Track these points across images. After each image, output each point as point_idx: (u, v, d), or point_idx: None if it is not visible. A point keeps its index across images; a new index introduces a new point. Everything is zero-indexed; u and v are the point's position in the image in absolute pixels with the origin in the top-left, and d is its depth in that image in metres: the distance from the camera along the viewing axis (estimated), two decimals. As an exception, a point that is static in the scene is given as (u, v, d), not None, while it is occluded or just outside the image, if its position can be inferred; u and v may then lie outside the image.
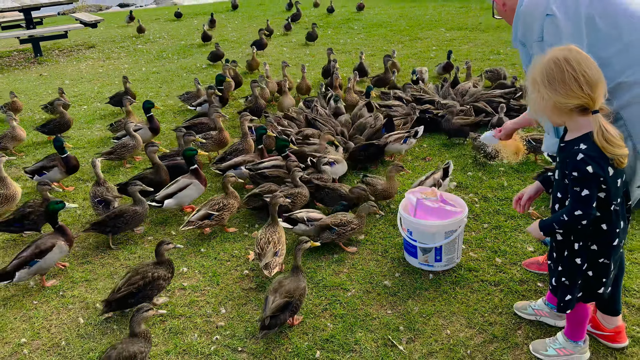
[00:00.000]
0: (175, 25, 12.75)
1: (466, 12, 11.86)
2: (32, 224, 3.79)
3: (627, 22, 2.15)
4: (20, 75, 9.03)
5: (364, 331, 2.84)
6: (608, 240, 2.13)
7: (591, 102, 1.91)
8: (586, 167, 1.93)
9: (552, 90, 1.93)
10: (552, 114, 2.02)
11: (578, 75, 1.89)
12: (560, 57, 1.93)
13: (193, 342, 2.82)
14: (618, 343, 2.59)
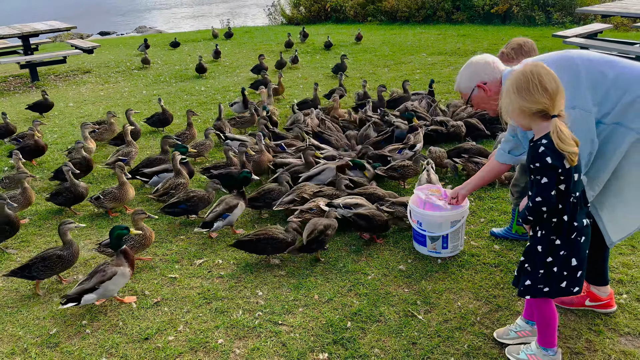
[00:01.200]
0: (167, 52, 13.20)
1: (444, 38, 12.65)
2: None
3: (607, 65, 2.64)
4: (22, 99, 9.32)
5: (386, 305, 3.28)
6: (570, 233, 2.43)
7: (550, 108, 2.28)
8: (545, 157, 2.29)
9: (519, 97, 2.32)
10: (519, 117, 2.39)
11: (540, 86, 2.27)
12: (528, 71, 2.31)
13: (238, 318, 3.21)
14: (611, 308, 3.07)
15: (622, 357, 2.79)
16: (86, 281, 3.25)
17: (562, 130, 2.25)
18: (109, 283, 3.23)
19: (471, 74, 3.05)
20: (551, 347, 2.66)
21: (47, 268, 3.49)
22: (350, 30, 15.04)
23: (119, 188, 4.62)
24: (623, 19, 12.95)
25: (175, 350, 2.98)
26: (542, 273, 2.52)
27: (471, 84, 3.04)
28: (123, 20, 30.84)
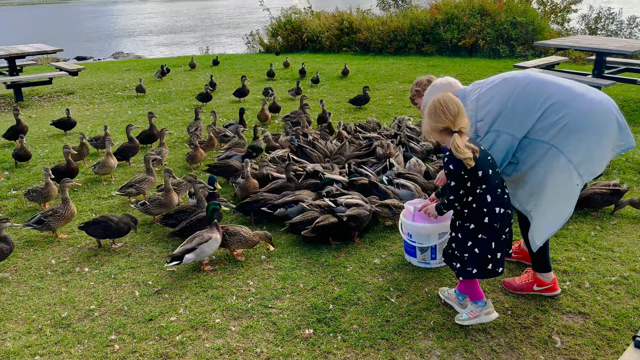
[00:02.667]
0: (148, 75, 13.61)
1: (414, 68, 13.42)
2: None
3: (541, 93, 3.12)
4: (7, 118, 9.58)
5: (363, 292, 3.72)
6: (480, 218, 2.97)
7: (451, 125, 2.88)
8: (449, 165, 2.90)
9: (431, 119, 2.95)
10: (433, 135, 3.01)
11: (443, 109, 2.88)
12: (437, 99, 2.94)
13: (232, 303, 3.61)
14: (556, 291, 3.56)
15: (564, 330, 3.28)
16: (187, 243, 3.88)
17: (457, 143, 2.82)
18: (205, 246, 3.88)
19: (433, 93, 3.54)
20: (481, 298, 3.26)
21: None
22: (326, 59, 15.76)
23: (165, 194, 4.78)
24: (580, 52, 14.01)
25: (178, 328, 3.36)
26: (466, 257, 3.08)
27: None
28: (97, 46, 31.16)
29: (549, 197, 3.15)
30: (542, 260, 3.53)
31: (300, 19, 19.15)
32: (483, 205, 2.98)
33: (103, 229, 4.29)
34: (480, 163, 2.93)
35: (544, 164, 3.12)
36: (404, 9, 19.49)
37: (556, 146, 3.07)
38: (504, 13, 15.38)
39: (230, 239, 4.10)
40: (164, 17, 60.35)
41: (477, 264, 3.07)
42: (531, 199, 3.24)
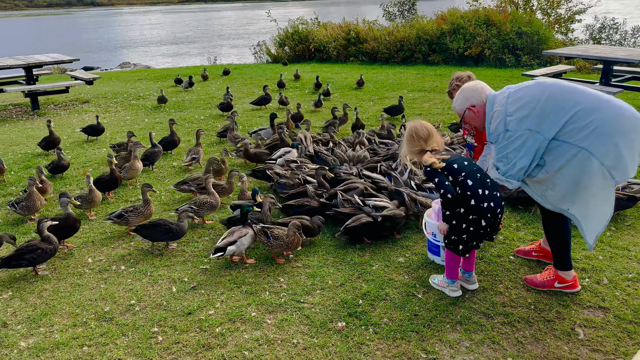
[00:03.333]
0: (160, 85, 13.85)
1: (422, 77, 13.65)
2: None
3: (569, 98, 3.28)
4: (27, 125, 9.80)
5: (390, 288, 3.88)
6: (467, 200, 3.39)
7: (424, 146, 3.49)
8: (426, 169, 3.47)
9: (407, 144, 3.56)
10: (413, 156, 3.57)
11: (414, 135, 3.51)
12: (410, 127, 3.56)
13: (266, 298, 3.77)
14: (576, 288, 3.72)
15: (586, 323, 3.43)
16: (228, 237, 4.20)
17: (426, 158, 3.46)
18: (244, 239, 4.19)
19: (463, 98, 3.70)
20: (455, 279, 3.74)
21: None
22: (333, 68, 16.01)
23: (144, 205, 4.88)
24: (585, 62, 14.24)
25: (216, 321, 3.52)
26: (465, 237, 3.49)
27: (463, 107, 3.71)
28: (103, 56, 31.56)
29: (588, 199, 3.26)
30: (564, 258, 3.68)
31: (307, 29, 19.45)
32: (467, 189, 3.40)
33: (163, 231, 4.42)
34: (450, 160, 3.46)
35: (575, 166, 3.22)
36: (410, 19, 19.81)
37: (587, 149, 3.18)
38: (509, 23, 15.63)
39: (274, 243, 4.24)
40: (168, 27, 61.01)
41: (476, 237, 3.52)
42: (566, 200, 3.33)
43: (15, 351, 3.31)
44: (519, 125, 3.32)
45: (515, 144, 3.33)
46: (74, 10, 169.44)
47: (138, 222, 4.75)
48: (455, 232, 3.51)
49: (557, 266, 3.73)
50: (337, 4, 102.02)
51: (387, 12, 21.49)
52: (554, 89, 3.35)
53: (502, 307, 3.61)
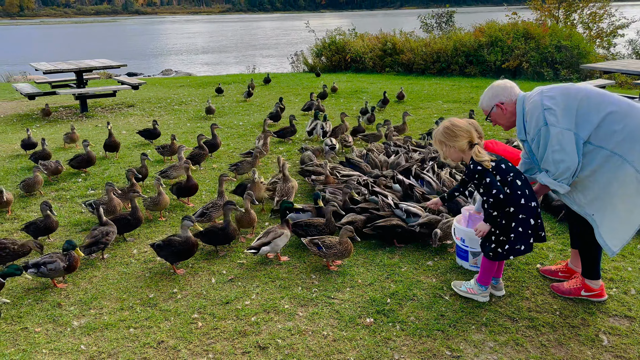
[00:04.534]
0: (201, 92, 14.34)
1: (458, 89, 13.70)
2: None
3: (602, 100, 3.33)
4: (77, 126, 10.35)
5: (418, 289, 4.03)
6: (517, 200, 3.41)
7: (472, 138, 3.44)
8: (477, 167, 3.42)
9: (453, 141, 3.46)
10: (458, 154, 3.51)
11: (459, 129, 3.44)
12: (448, 124, 3.49)
13: (299, 292, 3.98)
14: (603, 297, 3.77)
15: (611, 330, 3.50)
16: (263, 237, 4.35)
17: (480, 150, 3.44)
18: (278, 240, 4.34)
19: (492, 95, 3.71)
20: (487, 285, 3.78)
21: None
22: (369, 79, 16.21)
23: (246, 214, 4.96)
24: (627, 77, 14.00)
25: (252, 311, 3.74)
26: (513, 237, 3.48)
27: (491, 104, 3.72)
28: (145, 63, 32.63)
29: (617, 206, 3.31)
30: (593, 267, 3.69)
31: (344, 40, 19.72)
32: (516, 188, 3.43)
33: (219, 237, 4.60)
34: (498, 160, 3.47)
35: (607, 171, 3.28)
36: (447, 31, 19.85)
37: (620, 154, 3.22)
38: (548, 37, 15.53)
39: (328, 252, 4.26)
40: (208, 37, 62.54)
41: (523, 240, 3.50)
42: (594, 204, 3.38)
43: (68, 329, 3.61)
44: (557, 120, 3.30)
45: (556, 145, 3.29)
46: (119, 18, 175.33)
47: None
48: (504, 232, 3.49)
49: (585, 275, 3.77)
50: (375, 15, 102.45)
51: (424, 24, 21.60)
52: (588, 91, 3.39)
53: (527, 311, 3.71)
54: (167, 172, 6.33)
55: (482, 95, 3.83)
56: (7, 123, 10.87)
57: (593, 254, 3.68)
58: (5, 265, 4.11)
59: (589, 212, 3.43)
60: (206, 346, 3.39)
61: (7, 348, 3.42)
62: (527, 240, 3.52)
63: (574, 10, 18.41)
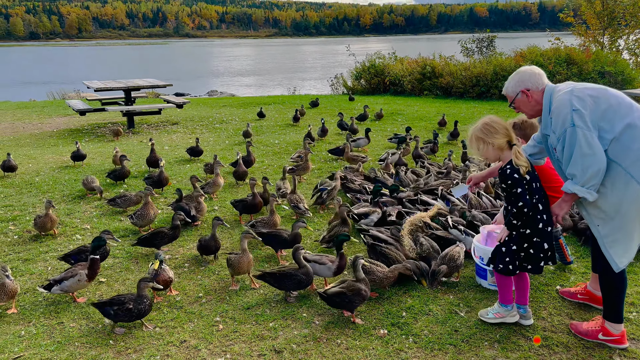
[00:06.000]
0: (242, 111, 14.83)
1: (496, 112, 13.63)
2: None
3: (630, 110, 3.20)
4: (123, 141, 10.92)
5: (434, 304, 4.10)
6: (535, 224, 3.38)
7: (511, 138, 3.37)
8: (513, 174, 3.33)
9: (493, 138, 3.36)
10: (496, 152, 3.41)
11: (500, 126, 3.36)
12: (488, 121, 3.41)
13: (316, 302, 4.12)
14: (623, 344, 3.46)
15: (625, 353, 3.47)
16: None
17: (520, 152, 3.35)
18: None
19: (518, 80, 3.52)
20: (509, 303, 3.71)
21: None
22: (407, 101, 16.35)
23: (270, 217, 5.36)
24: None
25: (271, 317, 3.91)
26: (523, 255, 3.50)
27: (517, 89, 3.52)
28: (192, 84, 33.84)
29: (625, 225, 3.23)
30: (614, 307, 3.44)
31: (383, 63, 19.99)
32: (536, 213, 3.40)
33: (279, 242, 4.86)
34: (532, 175, 3.39)
35: (618, 190, 3.19)
36: (487, 56, 19.80)
37: (631, 173, 3.12)
38: (591, 63, 15.30)
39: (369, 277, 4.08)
40: (254, 59, 64.26)
41: (532, 262, 3.50)
42: (600, 216, 3.30)
43: (100, 325, 3.87)
44: (585, 123, 3.16)
45: (586, 148, 3.14)
46: (170, 40, 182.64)
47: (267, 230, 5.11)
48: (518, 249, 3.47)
49: (606, 315, 3.51)
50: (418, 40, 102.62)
51: (465, 48, 21.62)
52: (620, 98, 3.26)
53: (542, 331, 3.72)
54: (204, 188, 6.64)
55: (507, 81, 3.64)
56: (59, 137, 11.59)
57: (615, 293, 3.43)
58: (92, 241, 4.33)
59: (595, 222, 3.34)
60: (225, 347, 3.58)
61: (43, 339, 3.71)
62: (537, 262, 3.49)
63: (619, 36, 18.09)
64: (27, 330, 3.81)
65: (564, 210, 3.47)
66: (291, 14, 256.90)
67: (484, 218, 5.31)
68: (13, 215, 6.28)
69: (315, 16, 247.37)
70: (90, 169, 8.51)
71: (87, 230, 5.75)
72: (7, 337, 3.75)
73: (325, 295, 3.86)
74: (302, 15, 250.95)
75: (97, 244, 4.23)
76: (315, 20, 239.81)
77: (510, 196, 3.41)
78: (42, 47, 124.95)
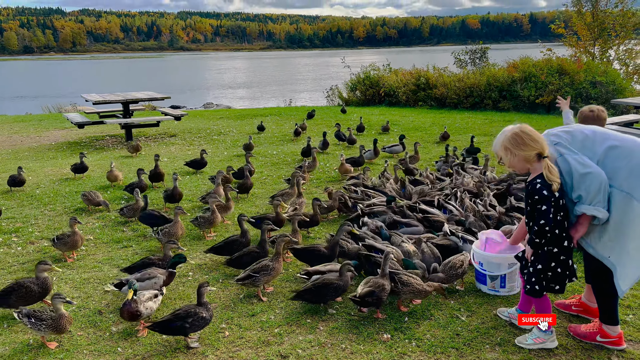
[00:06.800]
0: (239, 123, 14.95)
1: (490, 123, 13.81)
2: None
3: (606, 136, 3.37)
4: (121, 153, 10.99)
5: (436, 309, 4.18)
6: (561, 241, 3.34)
7: (542, 150, 3.25)
8: (542, 191, 3.22)
9: (520, 149, 3.27)
10: (524, 164, 3.32)
11: (530, 137, 3.24)
12: (517, 130, 3.29)
13: (320, 309, 4.18)
14: (620, 345, 3.57)
15: (623, 354, 3.56)
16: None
17: (552, 167, 3.24)
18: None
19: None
20: (548, 329, 3.59)
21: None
22: (402, 112, 16.52)
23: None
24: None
25: (276, 323, 3.98)
26: (550, 275, 3.44)
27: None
28: (186, 97, 34.03)
29: (627, 244, 3.27)
30: (610, 311, 3.54)
31: (378, 75, 20.22)
32: (563, 230, 3.35)
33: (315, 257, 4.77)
34: (561, 191, 3.28)
35: (617, 210, 3.25)
36: (480, 67, 20.07)
37: (627, 191, 3.21)
38: (583, 73, 15.55)
39: (402, 289, 4.12)
40: (249, 72, 64.58)
41: (559, 281, 3.44)
42: (608, 245, 3.35)
43: (107, 333, 3.93)
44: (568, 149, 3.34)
45: (579, 166, 3.25)
46: (165, 54, 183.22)
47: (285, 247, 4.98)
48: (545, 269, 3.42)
49: (603, 319, 3.61)
50: (411, 52, 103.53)
51: (458, 59, 21.91)
52: (593, 128, 3.47)
53: (541, 333, 3.81)
54: (205, 198, 6.72)
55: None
56: (57, 149, 11.65)
57: (609, 298, 3.52)
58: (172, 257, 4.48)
59: (604, 254, 3.37)
60: (232, 353, 3.64)
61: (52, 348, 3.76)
62: (563, 281, 3.46)
63: (609, 46, 18.39)
64: (36, 339, 3.86)
65: (579, 233, 3.43)
66: (285, 27, 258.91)
67: (479, 226, 5.44)
68: (16, 227, 6.33)
69: (309, 29, 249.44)
70: (91, 181, 8.57)
71: (91, 242, 5.81)
72: (16, 345, 3.80)
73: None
74: (296, 28, 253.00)
75: (176, 260, 4.42)
76: (309, 33, 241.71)
77: (534, 212, 3.33)
78: (36, 61, 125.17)
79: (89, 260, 5.30)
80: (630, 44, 18.18)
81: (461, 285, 4.58)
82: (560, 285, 3.46)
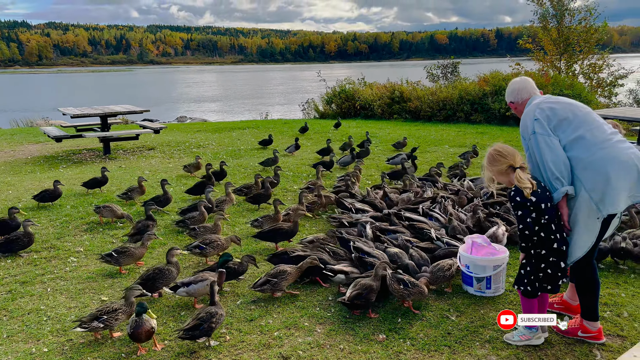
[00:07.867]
0: (217, 136, 15.02)
1: (463, 134, 14.26)
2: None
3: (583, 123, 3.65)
4: (99, 167, 10.92)
5: (426, 311, 4.38)
6: (550, 244, 3.53)
7: (513, 163, 3.54)
8: (516, 197, 3.53)
9: (493, 165, 3.63)
10: (501, 177, 3.63)
11: (500, 154, 3.57)
12: (491, 150, 3.65)
13: (316, 312, 4.34)
14: (600, 340, 3.84)
15: (604, 347, 3.81)
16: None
17: (520, 175, 3.53)
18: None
19: (507, 93, 4.09)
20: (535, 327, 3.83)
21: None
22: (378, 125, 16.86)
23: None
24: (626, 123, 14.53)
25: (274, 327, 4.11)
26: (541, 276, 3.66)
27: (507, 100, 4.10)
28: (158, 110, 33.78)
29: (579, 228, 3.59)
30: (591, 308, 3.82)
31: (353, 88, 20.57)
32: (550, 233, 3.55)
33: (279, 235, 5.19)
34: (541, 197, 3.50)
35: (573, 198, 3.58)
36: (452, 81, 20.66)
37: (581, 180, 3.52)
38: (550, 86, 16.20)
39: (413, 290, 4.32)
40: (221, 85, 64.53)
41: (551, 281, 3.65)
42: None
43: (109, 340, 3.98)
44: (543, 128, 3.61)
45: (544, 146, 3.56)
46: (134, 67, 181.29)
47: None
48: (535, 270, 3.63)
49: (584, 315, 3.88)
50: (381, 66, 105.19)
51: (430, 74, 22.49)
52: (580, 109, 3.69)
53: (527, 330, 4.04)
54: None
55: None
56: (34, 164, 11.50)
57: (590, 294, 3.80)
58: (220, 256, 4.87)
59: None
60: (234, 356, 3.75)
61: (55, 356, 3.80)
62: (555, 281, 3.65)
63: (574, 61, 19.23)
64: (38, 348, 3.89)
65: (564, 214, 3.65)
66: (257, 41, 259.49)
67: (462, 230, 5.70)
68: None
69: (281, 43, 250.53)
70: (75, 195, 8.51)
71: (81, 253, 5.82)
72: (19, 354, 3.82)
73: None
74: (267, 42, 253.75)
75: (225, 259, 4.74)
76: (280, 47, 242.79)
77: (515, 218, 3.66)
78: (0, 75, 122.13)
79: (82, 272, 5.32)
80: (594, 59, 19.02)
81: (449, 288, 4.80)
82: (552, 285, 3.68)
